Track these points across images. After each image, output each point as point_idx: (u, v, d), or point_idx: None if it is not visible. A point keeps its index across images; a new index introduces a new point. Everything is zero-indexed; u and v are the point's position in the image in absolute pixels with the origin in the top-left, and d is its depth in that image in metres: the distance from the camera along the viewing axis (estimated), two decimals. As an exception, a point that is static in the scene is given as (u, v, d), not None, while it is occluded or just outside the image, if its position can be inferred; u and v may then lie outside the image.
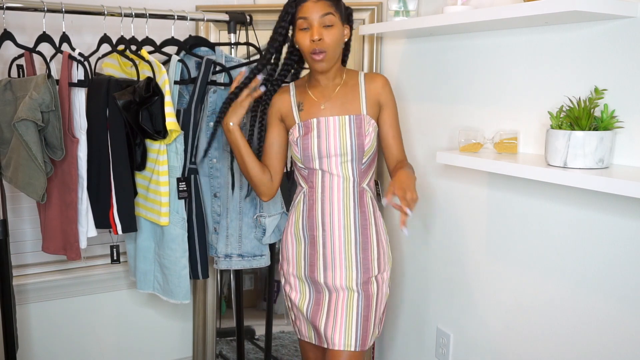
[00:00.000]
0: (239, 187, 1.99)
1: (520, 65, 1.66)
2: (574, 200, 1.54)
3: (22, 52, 1.82)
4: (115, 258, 2.08)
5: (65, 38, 1.82)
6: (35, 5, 1.76)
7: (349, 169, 1.70)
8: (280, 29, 1.67)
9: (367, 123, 1.70)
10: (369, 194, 1.75)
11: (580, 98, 1.42)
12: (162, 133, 1.79)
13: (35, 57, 1.80)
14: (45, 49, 1.79)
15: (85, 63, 1.77)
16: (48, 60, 1.75)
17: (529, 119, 1.65)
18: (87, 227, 1.83)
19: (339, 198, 1.71)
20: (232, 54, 2.10)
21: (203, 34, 2.28)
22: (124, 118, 1.77)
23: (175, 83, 1.88)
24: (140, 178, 1.92)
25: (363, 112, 1.71)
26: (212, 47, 2.00)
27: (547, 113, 1.57)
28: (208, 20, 2.10)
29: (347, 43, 1.76)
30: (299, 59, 1.78)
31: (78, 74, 1.77)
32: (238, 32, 2.13)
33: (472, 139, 1.72)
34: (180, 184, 1.89)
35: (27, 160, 1.67)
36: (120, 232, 1.85)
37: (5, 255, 1.84)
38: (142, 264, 2.00)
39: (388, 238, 1.82)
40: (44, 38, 1.79)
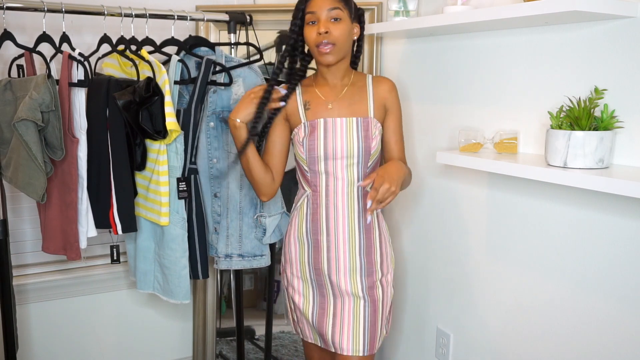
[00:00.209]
0: (239, 187, 1.99)
1: (520, 65, 1.66)
2: (574, 200, 1.54)
3: (22, 52, 1.81)
4: (115, 258, 2.08)
5: (65, 38, 1.82)
6: (35, 5, 1.76)
7: (355, 172, 1.69)
8: (293, 26, 1.67)
9: (374, 126, 1.69)
10: None
11: (580, 98, 1.42)
12: (162, 133, 1.79)
13: (35, 57, 1.80)
14: (45, 49, 1.79)
15: (85, 63, 1.77)
16: (48, 60, 1.75)
17: (529, 119, 1.64)
18: (87, 227, 1.83)
19: (344, 202, 1.70)
20: (232, 54, 2.10)
21: (203, 34, 2.28)
22: (124, 118, 1.77)
23: (175, 83, 1.88)
24: (140, 178, 1.92)
25: (370, 114, 1.70)
26: (212, 47, 2.00)
27: (547, 113, 1.57)
28: (208, 20, 2.10)
29: (358, 45, 1.75)
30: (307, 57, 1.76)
31: (78, 74, 1.77)
32: (238, 32, 2.13)
33: (472, 139, 1.72)
34: (180, 184, 1.89)
35: (27, 160, 1.67)
36: (120, 232, 1.85)
37: (5, 255, 1.84)
38: (142, 264, 2.00)
39: (390, 239, 1.82)
40: (44, 38, 1.79)
